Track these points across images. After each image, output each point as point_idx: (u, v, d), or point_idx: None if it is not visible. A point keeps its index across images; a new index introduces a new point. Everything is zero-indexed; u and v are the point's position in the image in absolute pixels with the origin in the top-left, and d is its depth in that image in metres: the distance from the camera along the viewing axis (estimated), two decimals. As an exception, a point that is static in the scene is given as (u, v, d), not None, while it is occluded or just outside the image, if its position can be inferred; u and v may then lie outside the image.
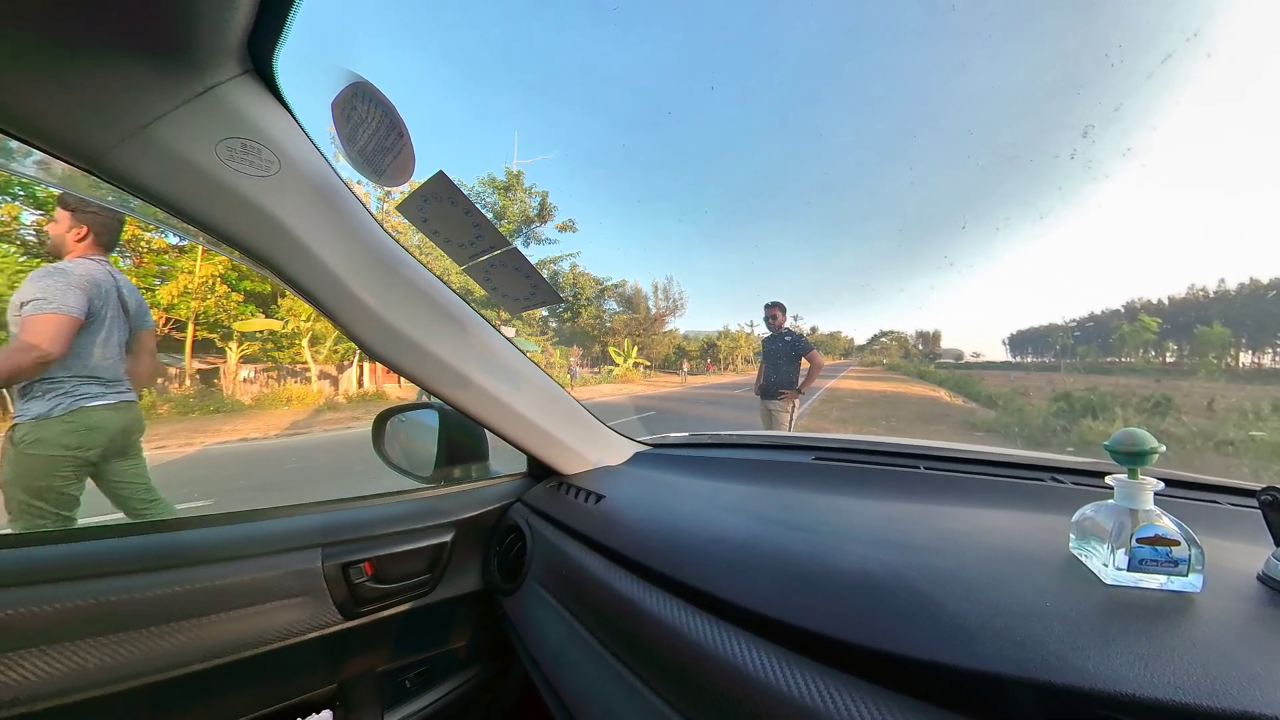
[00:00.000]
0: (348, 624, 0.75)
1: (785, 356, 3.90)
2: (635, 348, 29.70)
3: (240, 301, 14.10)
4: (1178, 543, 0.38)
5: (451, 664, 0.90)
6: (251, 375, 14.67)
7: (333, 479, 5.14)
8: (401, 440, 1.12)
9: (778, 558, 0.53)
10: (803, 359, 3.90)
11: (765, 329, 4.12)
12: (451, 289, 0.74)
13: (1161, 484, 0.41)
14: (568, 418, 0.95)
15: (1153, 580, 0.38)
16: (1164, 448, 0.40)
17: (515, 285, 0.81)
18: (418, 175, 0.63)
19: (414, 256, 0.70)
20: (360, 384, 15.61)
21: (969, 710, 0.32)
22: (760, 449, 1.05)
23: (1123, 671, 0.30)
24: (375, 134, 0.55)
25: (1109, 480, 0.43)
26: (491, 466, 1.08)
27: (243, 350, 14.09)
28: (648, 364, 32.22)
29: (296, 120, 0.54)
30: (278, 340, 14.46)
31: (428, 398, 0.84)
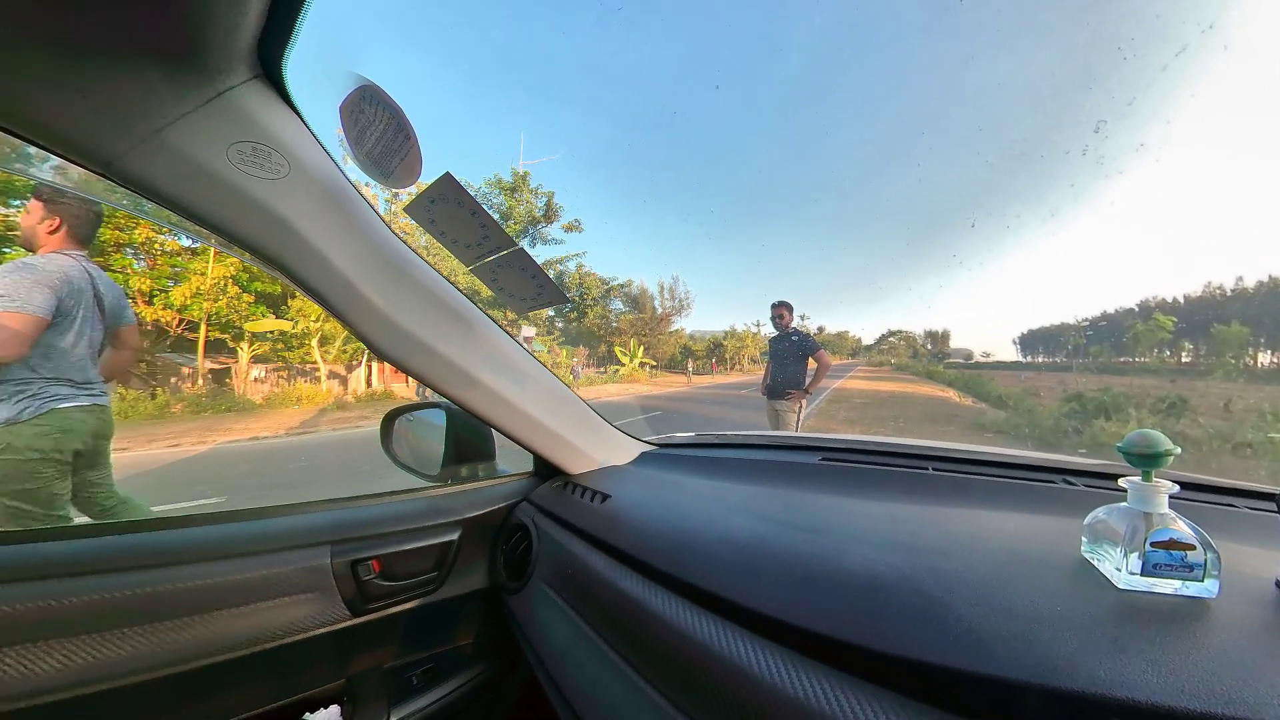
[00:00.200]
0: (356, 620, 0.76)
1: (792, 356, 3.88)
2: (641, 348, 29.69)
3: (251, 302, 14.27)
4: (1193, 547, 0.37)
5: (457, 661, 0.91)
6: (262, 375, 14.88)
7: (341, 477, 5.20)
8: (409, 439, 1.13)
9: (784, 559, 0.52)
10: (810, 359, 3.88)
11: (772, 328, 4.11)
12: (459, 289, 0.75)
13: (1176, 487, 0.40)
14: (574, 417, 0.95)
15: (1167, 585, 0.37)
16: (1179, 450, 0.40)
17: (521, 285, 0.81)
18: (425, 177, 0.63)
19: (421, 257, 0.70)
20: (369, 383, 15.76)
21: (977, 715, 0.32)
22: (767, 449, 1.04)
23: (1136, 678, 0.29)
24: (383, 136, 0.56)
25: (1122, 483, 0.43)
26: (498, 466, 1.08)
27: (254, 350, 14.28)
28: (654, 364, 32.21)
29: (305, 124, 0.54)
30: (288, 340, 14.63)
31: (432, 396, 0.85)
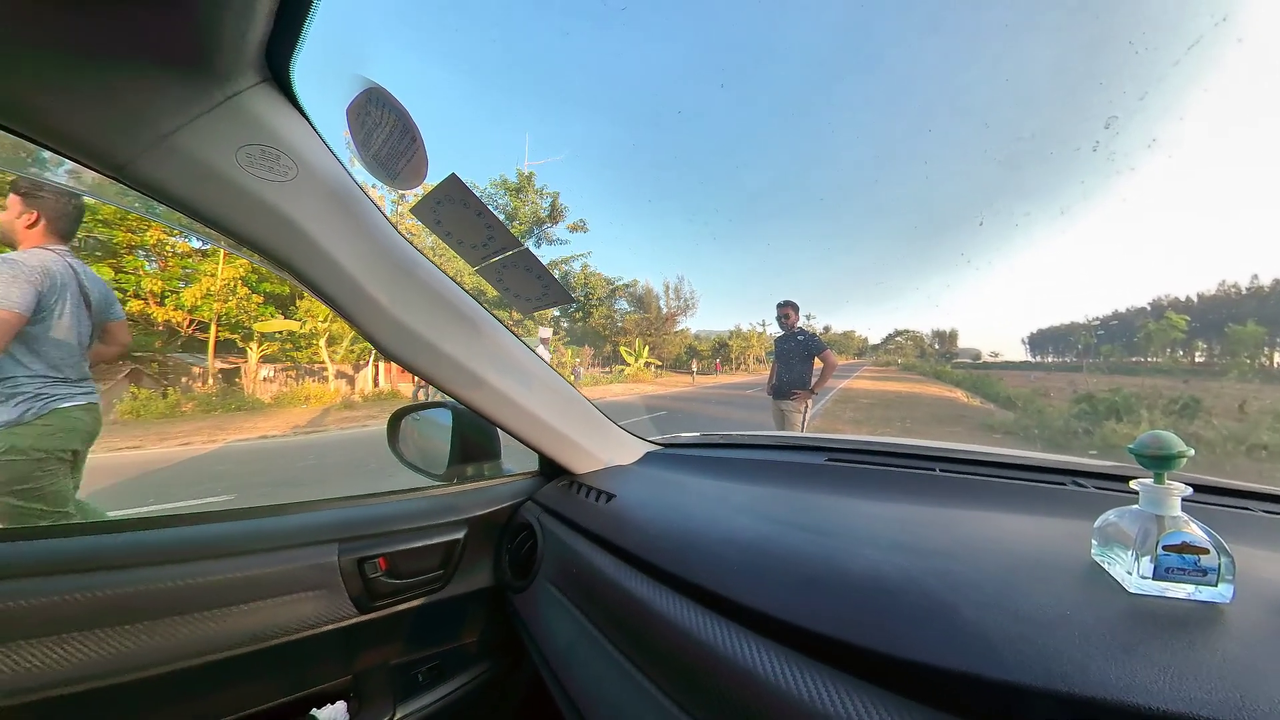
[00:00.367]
0: (362, 617, 0.77)
1: (798, 356, 3.87)
2: (646, 347, 29.69)
3: (260, 303, 14.45)
4: (1206, 551, 0.36)
5: (463, 659, 0.92)
6: (271, 374, 15.04)
7: (348, 476, 5.25)
8: (416, 439, 1.14)
9: (789, 560, 0.52)
10: (815, 359, 3.86)
11: (778, 328, 4.09)
12: (465, 290, 0.75)
13: (1189, 489, 0.40)
14: (579, 417, 0.95)
15: (1179, 590, 0.37)
16: (1192, 451, 0.39)
17: (527, 285, 0.81)
18: (431, 178, 0.64)
19: (428, 258, 0.71)
20: (376, 383, 15.88)
21: None
22: (772, 449, 1.04)
23: (1146, 684, 0.29)
24: (389, 139, 0.56)
25: (1134, 485, 0.42)
26: (503, 465, 1.09)
27: (263, 350, 14.44)
28: (659, 364, 32.20)
29: (313, 126, 0.55)
30: (296, 340, 14.79)
31: (432, 396, 0.85)
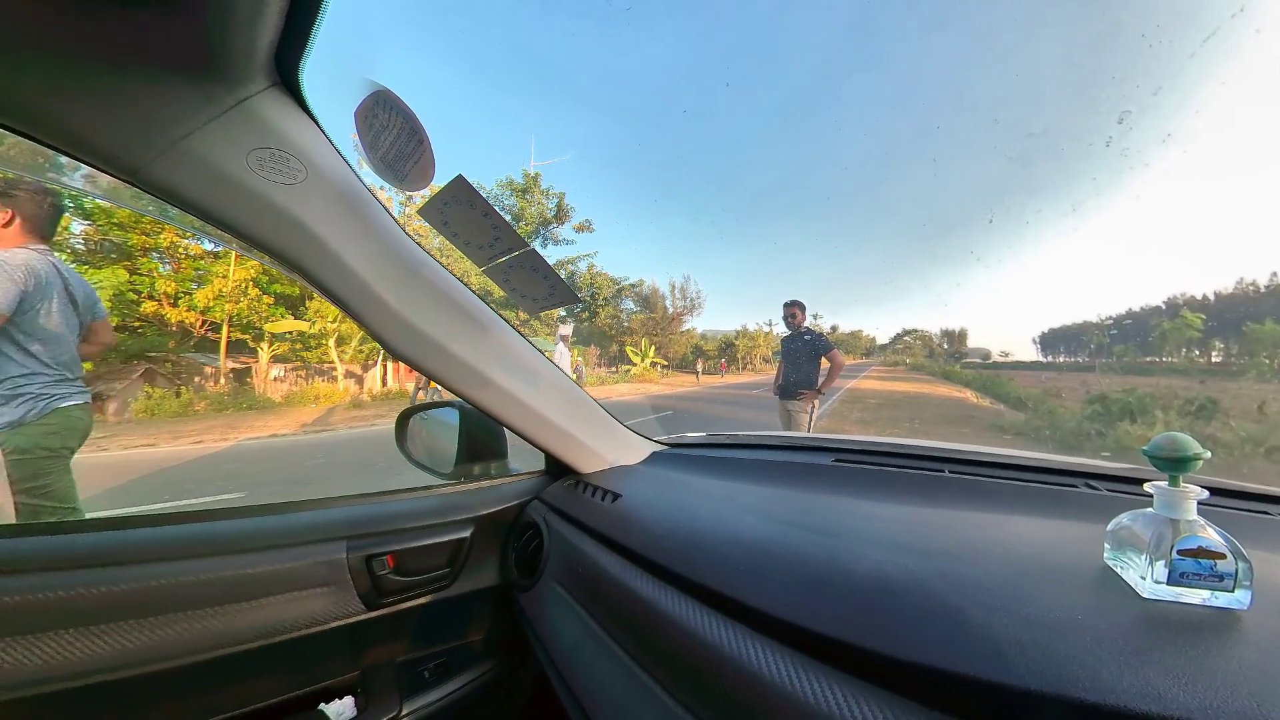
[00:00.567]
0: (370, 614, 0.78)
1: (805, 356, 3.84)
2: (652, 347, 29.69)
3: (271, 304, 14.63)
4: (1223, 555, 0.35)
5: (469, 657, 0.92)
6: (281, 374, 15.22)
7: (357, 474, 5.30)
8: (423, 438, 1.15)
9: (795, 561, 0.52)
10: (823, 358, 3.84)
11: (784, 328, 4.07)
12: (472, 290, 0.76)
13: (1206, 492, 0.39)
14: (585, 417, 0.95)
15: (1195, 595, 0.36)
16: (1209, 454, 0.38)
17: (533, 286, 0.81)
18: (438, 179, 0.64)
19: (435, 259, 0.71)
20: (384, 383, 16.03)
21: None
22: (778, 450, 1.03)
23: (1159, 691, 0.28)
24: (396, 141, 0.56)
25: (1148, 488, 0.41)
26: (510, 464, 1.09)
27: (273, 350, 14.63)
28: (665, 363, 32.17)
29: (322, 129, 0.56)
30: (306, 341, 14.95)
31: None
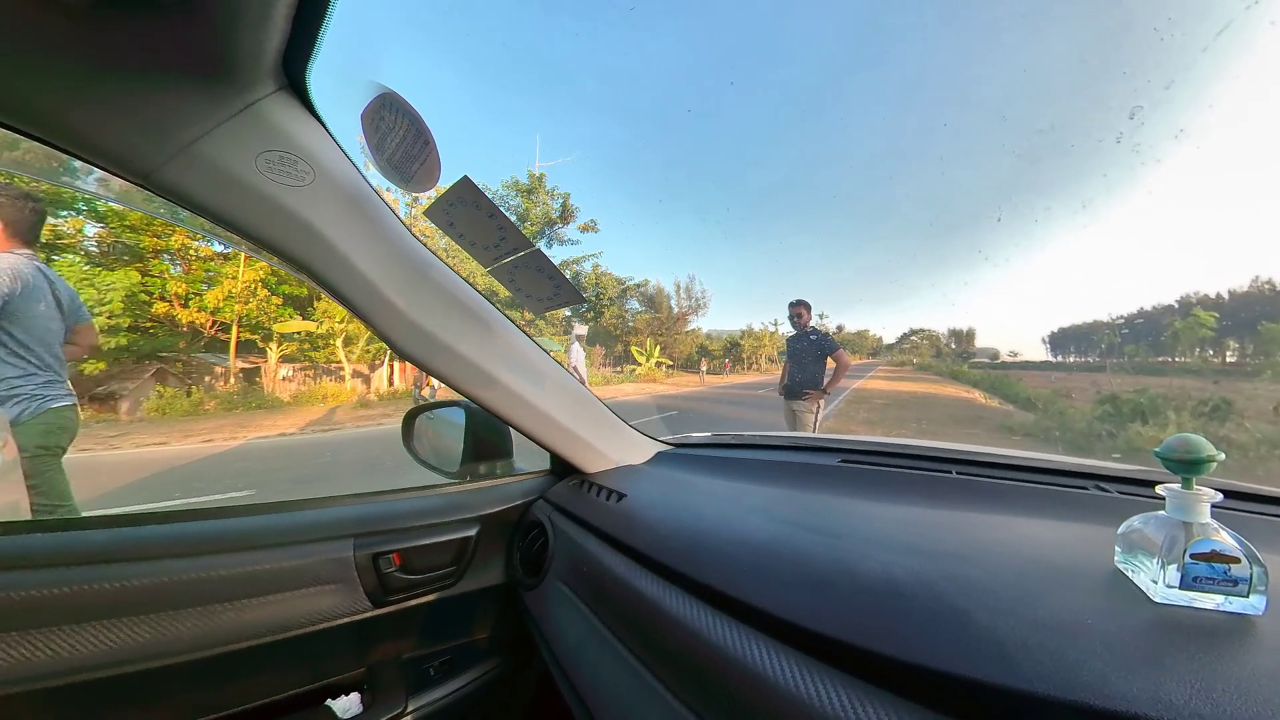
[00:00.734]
0: (376, 612, 0.78)
1: (810, 356, 3.83)
2: (658, 347, 29.66)
3: (279, 304, 14.78)
4: (1238, 560, 0.35)
5: (474, 654, 0.93)
6: (290, 374, 15.38)
7: (364, 472, 5.34)
8: (430, 437, 1.16)
9: (801, 562, 0.52)
10: (828, 358, 3.82)
11: (790, 328, 4.06)
12: (477, 290, 0.76)
13: (1220, 495, 0.38)
14: (590, 417, 0.96)
15: (1208, 600, 0.35)
16: (1223, 455, 0.38)
17: (539, 286, 0.82)
18: (444, 181, 0.65)
19: (441, 260, 0.72)
20: (391, 382, 16.14)
21: None
22: (784, 450, 1.03)
23: (1171, 698, 0.28)
24: (403, 143, 0.57)
25: (1160, 490, 0.41)
26: (515, 464, 1.10)
27: (282, 350, 14.78)
28: (670, 363, 32.15)
29: (329, 132, 0.56)
30: (314, 341, 15.10)
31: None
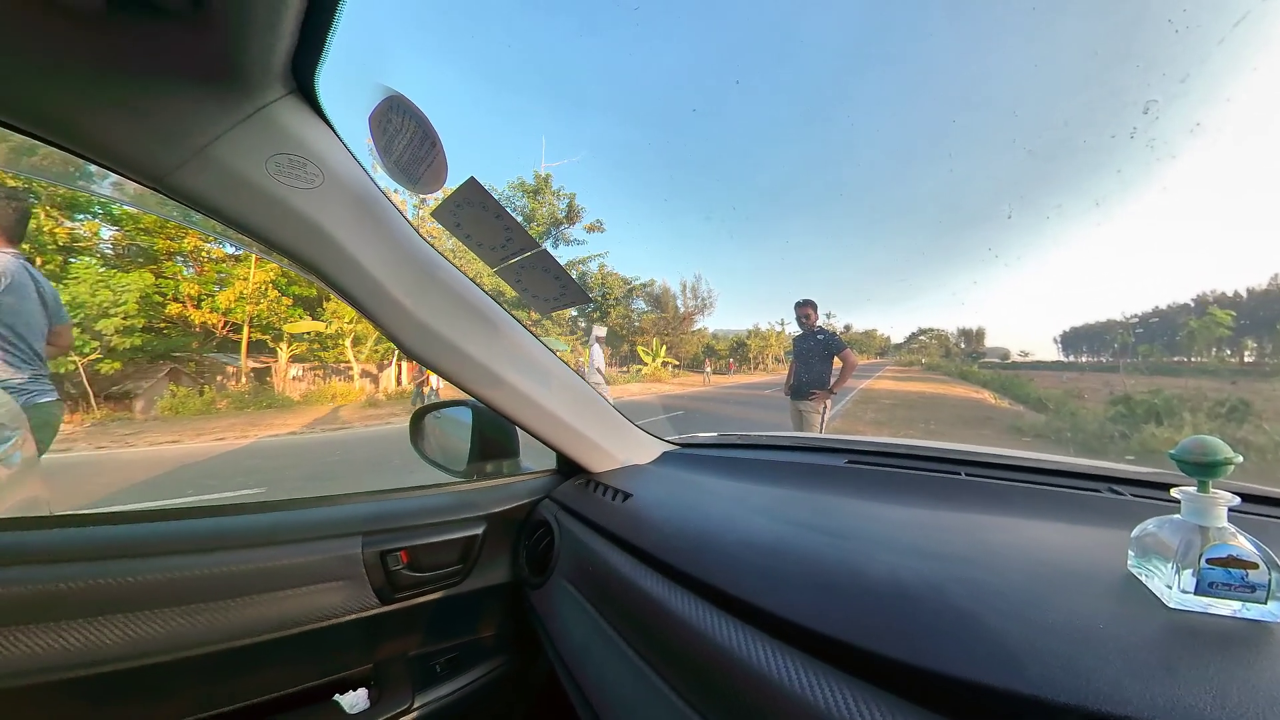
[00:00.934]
0: (384, 608, 0.79)
1: (817, 355, 3.80)
2: (664, 347, 29.65)
3: (290, 305, 14.99)
4: (1256, 565, 0.34)
5: (480, 652, 0.93)
6: (300, 374, 15.58)
7: (372, 471, 5.39)
8: (437, 436, 1.16)
9: (807, 563, 0.51)
10: (835, 358, 3.79)
11: (797, 327, 4.04)
12: (484, 291, 0.76)
13: (1237, 499, 0.37)
14: (596, 416, 0.96)
15: (1225, 606, 0.35)
16: (1240, 458, 0.37)
17: (545, 286, 0.82)
18: (451, 182, 0.65)
19: (448, 260, 0.72)
20: (399, 382, 16.28)
21: None
22: (791, 450, 1.02)
23: (1187, 705, 0.27)
24: (410, 145, 0.57)
25: (1175, 493, 0.40)
26: (522, 463, 1.10)
27: (292, 350, 14.97)
28: (676, 363, 32.12)
29: (337, 135, 0.57)
30: (323, 341, 15.28)
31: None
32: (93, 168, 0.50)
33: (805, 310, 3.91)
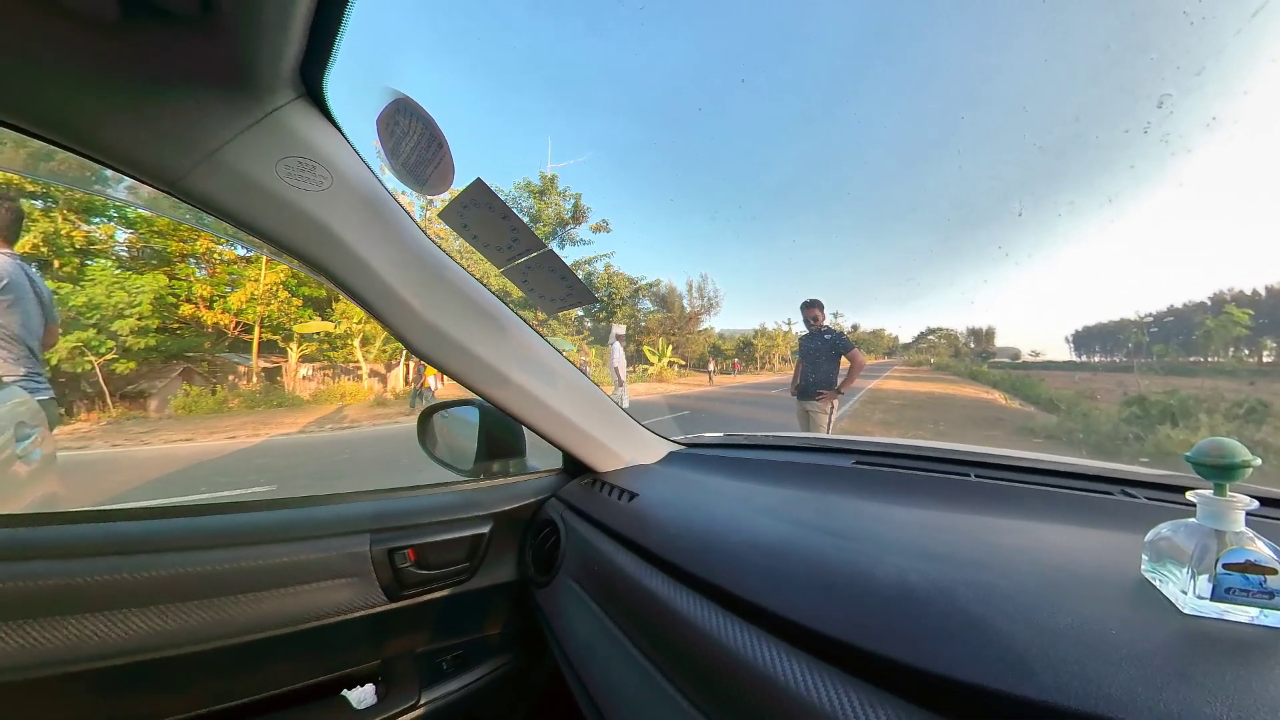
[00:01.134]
0: (391, 606, 0.80)
1: (824, 355, 3.78)
2: (670, 347, 29.62)
3: (300, 306, 15.19)
4: (1274, 571, 0.33)
5: (486, 650, 0.94)
6: (309, 373, 15.77)
7: (380, 469, 5.44)
8: (444, 435, 1.17)
9: (813, 564, 0.51)
10: (842, 358, 3.77)
11: (803, 327, 4.01)
12: (491, 291, 0.77)
13: (1255, 503, 0.37)
14: (603, 416, 0.96)
15: (1242, 613, 0.34)
16: (1259, 460, 0.36)
17: (551, 286, 0.82)
18: (457, 183, 0.65)
19: (456, 261, 0.73)
20: (407, 381, 16.40)
21: None
22: (797, 451, 1.02)
23: (1202, 714, 0.27)
24: (417, 147, 0.58)
25: (1190, 496, 0.39)
26: (528, 462, 1.11)
27: (302, 350, 15.16)
28: (682, 363, 32.08)
29: (346, 138, 0.57)
30: (332, 341, 15.46)
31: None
32: (108, 172, 0.51)
33: (812, 311, 3.89)
